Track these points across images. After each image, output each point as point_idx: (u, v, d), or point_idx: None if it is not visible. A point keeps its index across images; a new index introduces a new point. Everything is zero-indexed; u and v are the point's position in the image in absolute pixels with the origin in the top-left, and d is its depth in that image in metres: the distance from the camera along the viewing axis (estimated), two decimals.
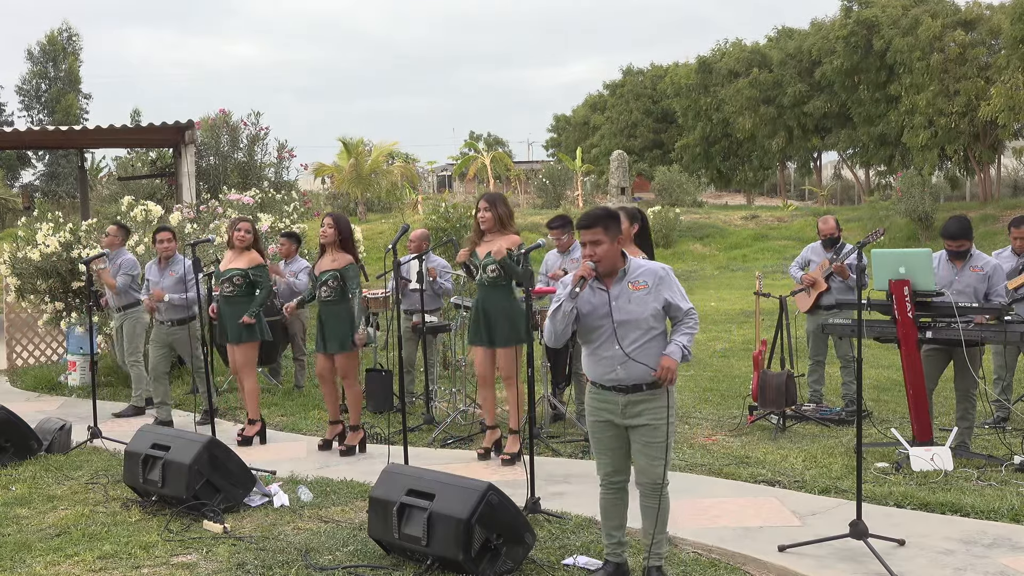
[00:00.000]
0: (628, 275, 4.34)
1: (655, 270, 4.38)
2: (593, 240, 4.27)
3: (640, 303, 4.30)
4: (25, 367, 12.10)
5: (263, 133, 16.20)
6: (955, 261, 6.91)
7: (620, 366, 4.30)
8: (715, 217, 32.81)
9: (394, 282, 6.47)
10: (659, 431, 4.29)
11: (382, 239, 27.68)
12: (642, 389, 4.31)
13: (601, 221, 4.29)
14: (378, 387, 8.80)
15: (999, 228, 23.44)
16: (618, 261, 4.34)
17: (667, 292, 4.35)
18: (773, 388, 7.71)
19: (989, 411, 7.79)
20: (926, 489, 5.96)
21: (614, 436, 4.43)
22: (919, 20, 31.73)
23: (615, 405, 4.37)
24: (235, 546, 5.16)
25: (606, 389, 4.38)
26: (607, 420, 4.41)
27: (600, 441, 4.48)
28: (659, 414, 4.30)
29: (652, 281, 4.34)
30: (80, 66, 52.47)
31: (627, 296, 4.32)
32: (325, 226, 7.33)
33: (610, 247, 4.28)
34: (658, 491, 4.39)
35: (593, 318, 4.35)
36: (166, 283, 8.33)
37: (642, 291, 4.32)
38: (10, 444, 7.25)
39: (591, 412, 4.48)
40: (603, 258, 4.28)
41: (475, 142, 62.63)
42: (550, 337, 4.39)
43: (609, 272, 4.33)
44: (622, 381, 4.32)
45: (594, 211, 4.33)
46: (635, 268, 4.37)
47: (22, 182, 50.61)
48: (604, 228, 4.28)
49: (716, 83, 42.39)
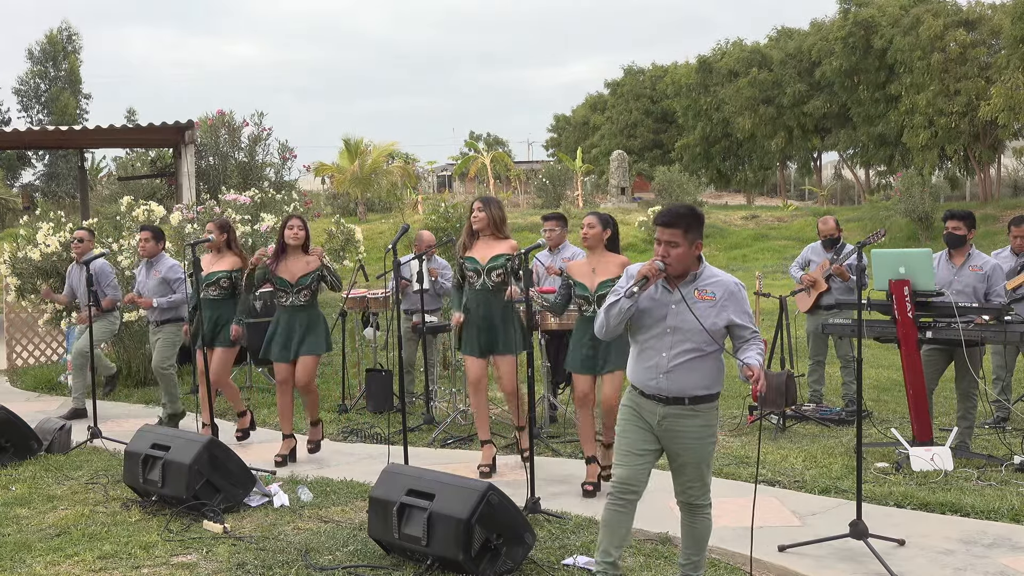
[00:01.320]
0: (697, 281, 4.04)
1: (727, 284, 4.05)
2: (670, 240, 3.97)
3: (702, 314, 3.98)
4: (25, 367, 12.10)
5: (265, 134, 16.21)
6: (954, 259, 6.92)
7: (663, 375, 4.03)
8: (715, 217, 32.79)
9: (394, 282, 6.45)
10: (696, 451, 4.05)
11: (382, 239, 27.67)
12: (684, 403, 4.04)
13: (683, 221, 3.97)
14: (378, 387, 8.81)
15: (999, 228, 23.42)
16: (691, 265, 4.04)
17: (734, 309, 4.03)
18: (773, 388, 7.71)
19: (989, 411, 7.79)
20: (926, 489, 5.96)
21: (641, 439, 4.11)
22: (920, 19, 31.74)
23: (653, 414, 4.10)
24: (235, 546, 5.16)
25: (646, 396, 4.11)
26: (642, 420, 4.11)
27: (625, 441, 4.14)
28: (699, 433, 4.06)
29: (721, 294, 4.03)
30: (80, 65, 52.50)
31: (689, 303, 4.00)
32: (296, 228, 7.01)
33: (686, 251, 3.98)
34: (696, 512, 4.17)
35: (649, 317, 4.07)
36: (151, 283, 8.30)
37: (707, 302, 4.01)
38: (10, 444, 7.24)
39: (624, 410, 4.19)
40: (675, 262, 3.98)
41: (475, 142, 62.61)
42: (600, 329, 4.15)
43: (679, 276, 4.04)
44: (663, 391, 4.05)
45: (677, 208, 4.04)
46: (707, 276, 4.06)
47: (22, 182, 50.64)
48: (685, 230, 3.97)
49: (716, 83, 42.40)
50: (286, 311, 7.05)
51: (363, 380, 9.35)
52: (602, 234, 6.13)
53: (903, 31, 32.16)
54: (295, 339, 7.01)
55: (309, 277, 6.99)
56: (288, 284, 6.99)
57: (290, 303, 7.02)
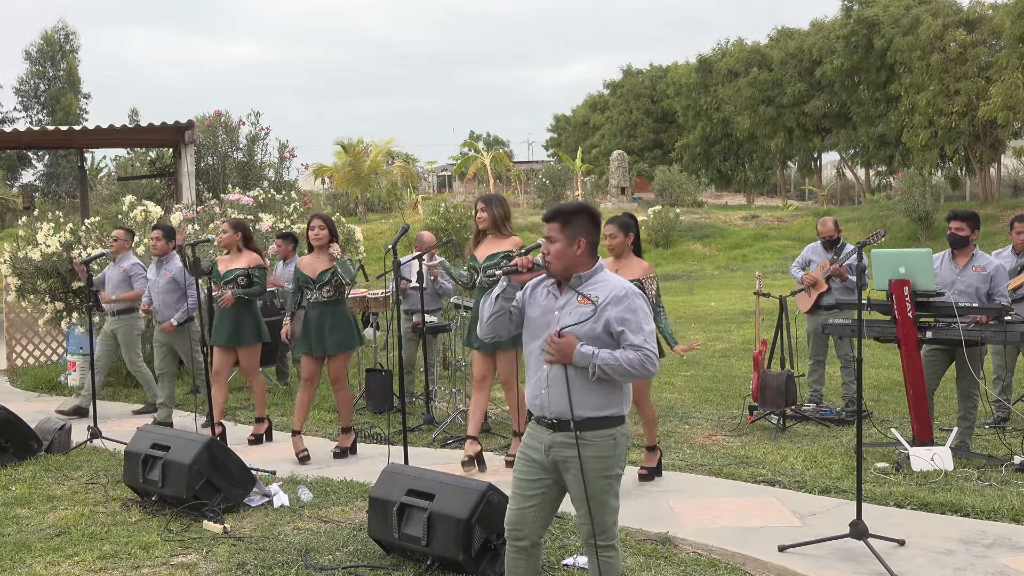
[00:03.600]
0: (583, 284, 3.60)
1: (615, 287, 3.55)
2: (549, 236, 3.62)
3: (579, 318, 3.52)
4: (25, 367, 12.10)
5: (263, 133, 16.21)
6: (956, 260, 6.91)
7: (545, 390, 3.56)
8: (715, 217, 32.82)
9: (394, 282, 6.45)
10: (586, 487, 3.50)
11: (382, 239, 27.69)
12: (569, 428, 3.50)
13: (562, 216, 3.61)
14: (378, 387, 8.80)
15: (1000, 228, 23.42)
16: (578, 266, 3.60)
17: (616, 315, 3.50)
18: (773, 388, 7.72)
19: (989, 411, 7.79)
20: (926, 489, 5.96)
21: (530, 480, 3.63)
22: (920, 19, 31.75)
23: (541, 444, 3.61)
24: (235, 546, 5.16)
25: (537, 421, 3.65)
26: (531, 457, 3.64)
27: (515, 480, 3.68)
28: (590, 466, 3.49)
29: (604, 297, 3.53)
30: (79, 65, 52.47)
31: (571, 308, 3.57)
32: (316, 228, 7.17)
33: (564, 247, 3.57)
34: (595, 552, 3.59)
35: (536, 325, 3.66)
36: (161, 282, 8.34)
37: (588, 307, 3.53)
38: (10, 444, 7.24)
39: (521, 444, 3.74)
40: (553, 258, 3.58)
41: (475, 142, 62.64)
42: (479, 324, 3.77)
43: (564, 277, 3.63)
44: (546, 410, 3.56)
45: (562, 204, 3.70)
46: (596, 280, 3.61)
47: (22, 182, 50.65)
48: (563, 224, 3.58)
49: (716, 83, 42.41)
50: (312, 307, 7.21)
51: (363, 380, 9.35)
52: (625, 241, 6.15)
53: (903, 31, 32.17)
54: (322, 335, 7.15)
55: (327, 273, 7.12)
56: (310, 281, 7.17)
57: (314, 299, 7.18)
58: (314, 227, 7.21)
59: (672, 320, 15.76)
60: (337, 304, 7.22)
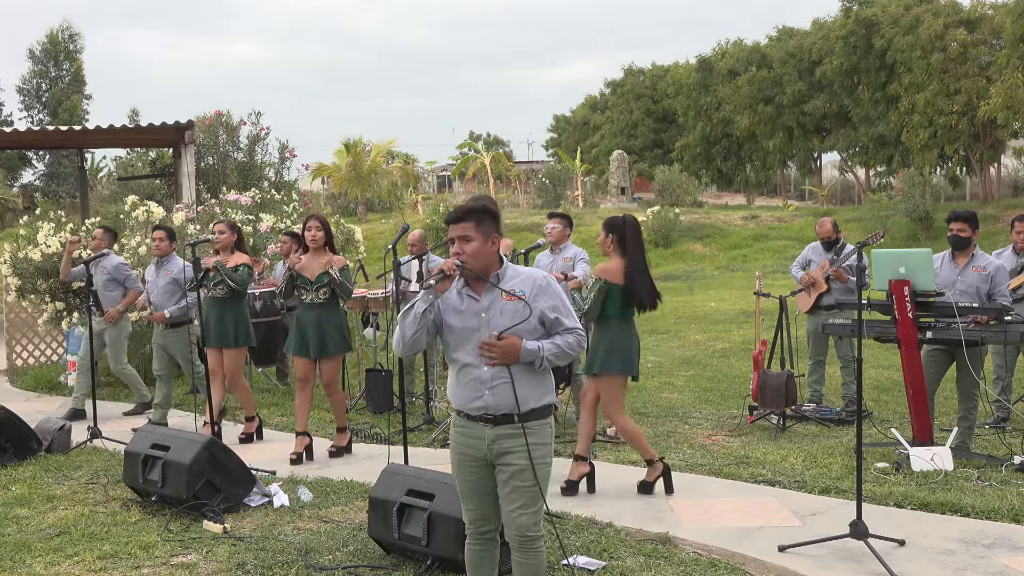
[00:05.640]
0: (503, 281, 3.66)
1: (534, 277, 3.68)
2: (462, 235, 3.62)
3: (514, 316, 3.61)
4: (25, 367, 12.11)
5: (264, 133, 16.20)
6: (957, 260, 6.91)
7: (488, 391, 3.62)
8: (715, 217, 32.79)
9: (394, 283, 6.45)
10: (529, 473, 3.60)
11: (382, 239, 27.70)
12: (513, 421, 3.62)
13: (473, 215, 3.64)
14: (378, 387, 8.80)
15: (1000, 228, 23.42)
16: (492, 265, 3.67)
17: (546, 303, 3.65)
18: (773, 388, 7.72)
19: (989, 411, 7.79)
20: (926, 489, 5.96)
21: (481, 477, 3.74)
22: (920, 19, 31.75)
23: (481, 440, 3.68)
24: (235, 546, 5.16)
25: (472, 419, 3.69)
26: (472, 456, 3.71)
27: (464, 483, 3.77)
28: (534, 453, 3.61)
29: (530, 290, 3.64)
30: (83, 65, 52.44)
31: (499, 307, 3.63)
32: (313, 229, 7.13)
33: (481, 245, 3.62)
34: (529, 545, 3.67)
35: (459, 333, 3.68)
36: (161, 283, 8.32)
37: (517, 303, 3.62)
38: (10, 444, 7.25)
39: (454, 447, 3.78)
40: (471, 258, 3.61)
41: (475, 142, 62.66)
42: (397, 344, 3.71)
43: (483, 276, 3.67)
44: (490, 409, 3.63)
45: (467, 203, 3.73)
46: (512, 275, 3.69)
47: (22, 182, 50.65)
48: (477, 223, 3.62)
49: (716, 82, 42.41)
50: (307, 308, 7.15)
51: (363, 380, 9.35)
52: (606, 240, 6.16)
53: (903, 31, 32.17)
54: (316, 338, 7.11)
55: (326, 276, 7.09)
56: (307, 282, 7.13)
57: (310, 300, 7.13)
58: (311, 228, 7.17)
59: (672, 320, 15.78)
60: (331, 307, 7.17)
